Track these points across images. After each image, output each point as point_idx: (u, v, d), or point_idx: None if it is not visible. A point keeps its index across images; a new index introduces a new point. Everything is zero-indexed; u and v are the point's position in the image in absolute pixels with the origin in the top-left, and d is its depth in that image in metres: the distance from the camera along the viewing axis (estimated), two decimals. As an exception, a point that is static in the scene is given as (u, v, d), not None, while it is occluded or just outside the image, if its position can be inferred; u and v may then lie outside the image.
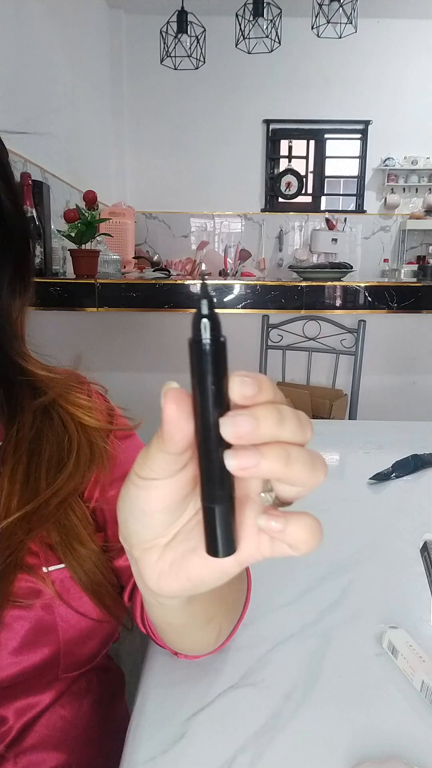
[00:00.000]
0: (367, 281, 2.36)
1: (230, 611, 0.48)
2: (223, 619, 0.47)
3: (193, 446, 0.26)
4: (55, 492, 0.49)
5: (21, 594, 0.47)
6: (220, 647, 0.51)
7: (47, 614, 0.48)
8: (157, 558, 0.31)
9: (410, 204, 5.93)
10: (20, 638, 0.47)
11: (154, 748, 0.43)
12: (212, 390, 0.24)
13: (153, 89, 5.51)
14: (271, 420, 0.25)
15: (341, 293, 2.36)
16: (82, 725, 0.53)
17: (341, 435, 1.33)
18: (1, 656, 0.46)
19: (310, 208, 6.03)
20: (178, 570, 0.31)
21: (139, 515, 0.30)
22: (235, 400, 0.25)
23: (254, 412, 0.24)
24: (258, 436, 0.24)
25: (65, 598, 0.48)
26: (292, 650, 0.54)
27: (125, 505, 0.30)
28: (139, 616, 0.52)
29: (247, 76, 5.49)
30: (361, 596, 0.63)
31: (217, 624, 0.46)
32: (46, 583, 0.47)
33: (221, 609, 0.45)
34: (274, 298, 2.37)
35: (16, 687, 0.48)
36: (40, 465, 0.50)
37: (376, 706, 0.48)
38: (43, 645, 0.48)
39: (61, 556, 0.48)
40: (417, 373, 2.53)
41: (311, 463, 0.26)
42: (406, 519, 0.84)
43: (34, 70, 3.44)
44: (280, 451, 0.25)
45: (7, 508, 0.47)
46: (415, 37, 5.50)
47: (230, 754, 0.43)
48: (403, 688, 0.50)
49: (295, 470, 0.25)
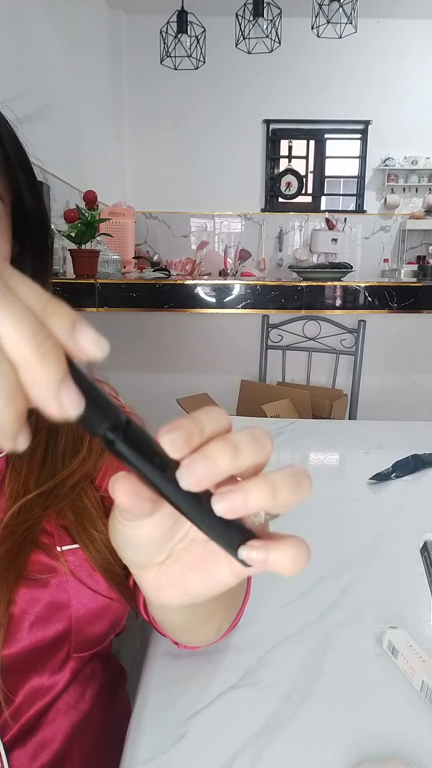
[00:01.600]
0: (367, 281, 2.36)
1: (230, 607, 0.49)
2: (223, 615, 0.48)
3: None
4: (71, 474, 0.52)
5: (36, 570, 0.49)
6: (219, 639, 0.53)
7: (61, 591, 0.50)
8: (153, 575, 0.32)
9: (410, 204, 5.93)
10: (35, 613, 0.49)
11: (154, 748, 0.44)
12: (153, 466, 0.24)
13: (153, 89, 5.51)
14: (225, 453, 0.25)
15: (341, 293, 2.36)
16: (86, 710, 0.55)
17: (341, 435, 1.33)
18: (18, 629, 0.48)
19: (310, 208, 6.03)
20: (177, 585, 0.31)
21: (130, 547, 0.31)
22: (177, 457, 0.24)
23: (206, 453, 0.24)
24: (220, 473, 0.24)
25: (78, 575, 0.50)
26: (292, 650, 0.54)
27: (115, 539, 0.31)
28: (141, 604, 0.53)
29: (247, 76, 5.49)
30: (361, 596, 0.63)
31: (218, 620, 0.48)
32: (60, 561, 0.50)
33: (221, 606, 0.47)
34: (274, 298, 2.37)
35: (29, 667, 0.50)
36: (57, 449, 0.54)
37: (376, 706, 0.48)
38: (57, 621, 0.50)
39: (75, 535, 0.51)
40: (417, 373, 2.53)
41: (296, 483, 0.26)
42: (406, 519, 0.84)
43: (33, 70, 3.44)
44: (263, 485, 0.25)
45: (26, 486, 0.51)
46: (415, 37, 5.50)
47: (230, 754, 0.43)
48: (403, 688, 0.50)
49: (282, 496, 0.25)
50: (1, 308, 0.19)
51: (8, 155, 0.50)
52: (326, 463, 1.16)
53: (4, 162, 0.50)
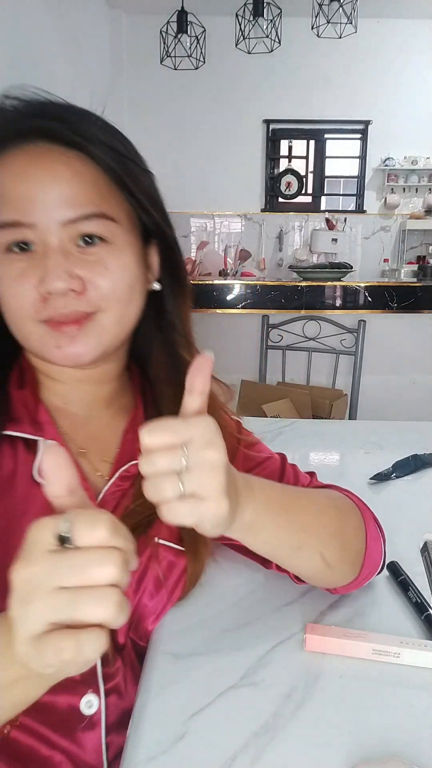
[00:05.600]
0: (367, 281, 2.36)
1: (328, 543, 0.54)
2: (321, 547, 0.54)
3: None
4: None
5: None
6: (358, 578, 0.59)
7: (167, 569, 0.58)
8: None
9: (410, 204, 5.92)
10: (155, 577, 0.57)
11: (154, 748, 0.44)
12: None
13: (153, 89, 5.51)
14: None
15: (341, 293, 2.36)
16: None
17: (341, 435, 1.33)
18: (148, 587, 0.57)
19: (310, 208, 6.02)
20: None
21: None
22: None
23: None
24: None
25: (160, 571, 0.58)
26: (292, 650, 0.54)
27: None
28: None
29: (247, 76, 5.48)
30: (361, 596, 0.63)
31: (313, 551, 0.54)
32: (152, 550, 0.57)
33: (307, 538, 0.53)
34: (274, 298, 2.37)
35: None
36: None
37: (376, 706, 0.48)
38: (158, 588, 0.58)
39: (185, 537, 0.59)
40: (417, 373, 2.53)
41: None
42: (406, 519, 0.84)
43: (33, 70, 3.43)
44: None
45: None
46: (415, 37, 5.49)
47: (230, 754, 0.43)
48: (403, 687, 0.50)
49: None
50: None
51: (128, 188, 0.55)
52: (326, 463, 1.16)
53: (120, 185, 0.55)
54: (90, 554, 0.32)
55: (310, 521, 0.54)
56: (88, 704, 0.52)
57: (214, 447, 0.39)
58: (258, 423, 1.39)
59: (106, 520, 0.33)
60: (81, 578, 0.32)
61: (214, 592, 0.63)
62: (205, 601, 0.62)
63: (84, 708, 0.52)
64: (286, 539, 0.52)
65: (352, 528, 0.58)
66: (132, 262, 0.55)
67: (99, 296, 0.52)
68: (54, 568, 0.32)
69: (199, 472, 0.38)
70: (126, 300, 0.55)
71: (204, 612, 0.60)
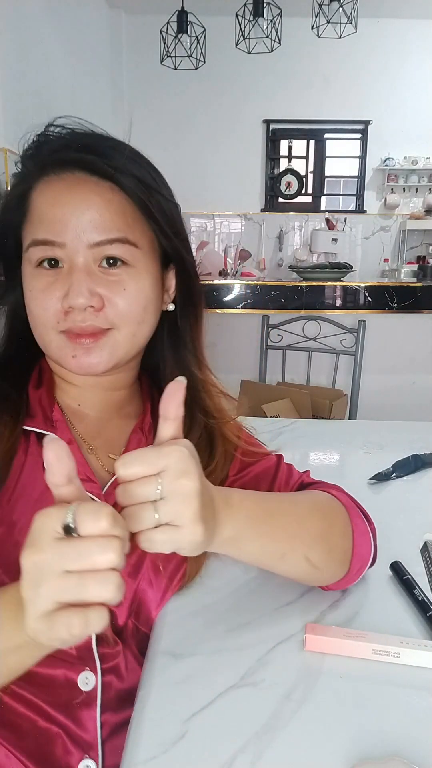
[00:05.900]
0: (367, 281, 2.36)
1: (313, 546, 0.56)
2: (307, 551, 0.56)
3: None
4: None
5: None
6: (351, 572, 0.60)
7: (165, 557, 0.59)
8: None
9: (410, 204, 5.92)
10: (153, 564, 0.60)
11: (154, 748, 0.44)
12: None
13: (153, 89, 5.50)
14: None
15: (341, 293, 2.36)
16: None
17: (341, 435, 1.33)
18: (147, 573, 0.59)
19: (310, 208, 6.02)
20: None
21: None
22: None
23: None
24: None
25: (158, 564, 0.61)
26: (292, 650, 0.54)
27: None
28: None
29: (247, 76, 5.48)
30: (361, 596, 0.63)
31: (298, 556, 0.55)
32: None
33: (291, 543, 0.55)
34: (274, 298, 2.37)
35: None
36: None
37: (376, 705, 0.48)
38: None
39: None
40: (417, 373, 2.53)
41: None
42: (406, 519, 0.84)
43: (33, 70, 3.43)
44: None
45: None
46: (415, 37, 5.49)
47: (230, 754, 0.43)
48: (402, 687, 0.50)
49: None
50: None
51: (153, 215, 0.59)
52: (326, 463, 1.16)
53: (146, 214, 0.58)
54: (93, 542, 0.36)
55: (293, 527, 0.56)
56: (85, 681, 0.55)
57: (187, 475, 0.41)
58: (258, 423, 1.38)
59: (107, 513, 0.36)
60: (85, 563, 0.35)
61: (214, 592, 0.63)
62: (205, 601, 0.62)
63: (81, 684, 0.55)
64: (270, 547, 0.55)
65: (338, 528, 0.60)
66: (148, 285, 0.59)
67: (115, 314, 0.57)
68: (61, 554, 0.35)
69: (173, 501, 0.40)
70: (139, 320, 0.59)
71: (204, 612, 0.60)
